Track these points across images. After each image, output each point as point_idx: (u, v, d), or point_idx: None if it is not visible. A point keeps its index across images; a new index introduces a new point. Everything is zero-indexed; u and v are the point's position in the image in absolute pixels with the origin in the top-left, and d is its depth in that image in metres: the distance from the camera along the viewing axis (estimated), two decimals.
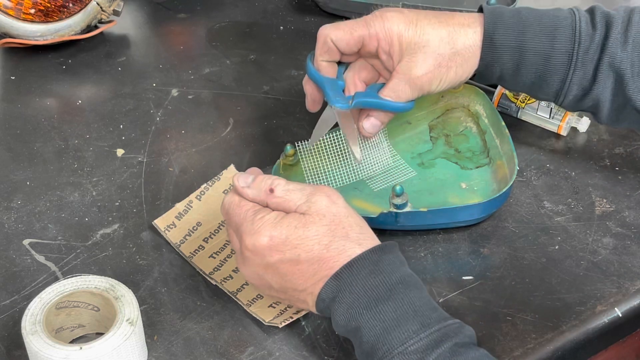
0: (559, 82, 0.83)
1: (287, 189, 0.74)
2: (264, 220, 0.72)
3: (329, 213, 0.72)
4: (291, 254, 0.71)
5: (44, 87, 1.10)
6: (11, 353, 0.76)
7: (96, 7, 1.14)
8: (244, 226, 0.73)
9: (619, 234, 0.87)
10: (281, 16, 1.23)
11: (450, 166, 0.94)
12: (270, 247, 0.71)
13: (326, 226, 0.71)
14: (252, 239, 0.72)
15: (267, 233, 0.71)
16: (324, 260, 0.70)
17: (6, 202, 0.92)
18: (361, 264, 0.69)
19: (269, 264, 0.72)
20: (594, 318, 0.79)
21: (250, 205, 0.74)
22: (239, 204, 0.74)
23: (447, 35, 0.82)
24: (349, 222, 0.72)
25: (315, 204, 0.72)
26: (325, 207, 0.72)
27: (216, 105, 1.07)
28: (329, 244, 0.70)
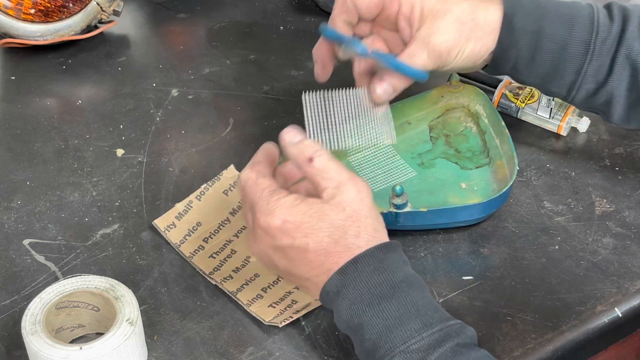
0: (574, 73, 0.82)
1: (326, 165, 0.72)
2: (280, 202, 0.71)
3: (350, 208, 0.71)
4: (301, 241, 0.70)
5: (44, 87, 1.10)
6: (11, 353, 0.76)
7: (96, 7, 1.14)
8: (260, 205, 0.72)
9: (619, 234, 0.87)
10: (281, 16, 1.23)
11: (450, 166, 0.94)
12: (282, 230, 0.71)
13: (342, 220, 0.70)
14: (265, 218, 0.71)
15: (282, 216, 0.70)
16: (331, 253, 0.70)
17: (6, 202, 0.92)
18: (366, 260, 0.69)
19: (278, 246, 0.72)
20: (594, 318, 0.79)
21: (267, 184, 0.73)
22: (255, 182, 0.73)
23: (468, 7, 0.81)
24: (366, 222, 0.71)
25: (342, 194, 0.71)
26: (350, 200, 0.71)
27: (216, 105, 1.07)
28: (339, 239, 0.70)
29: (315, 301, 0.80)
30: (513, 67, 0.84)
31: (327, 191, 0.71)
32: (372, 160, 0.94)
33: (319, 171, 0.72)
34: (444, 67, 0.82)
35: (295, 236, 0.70)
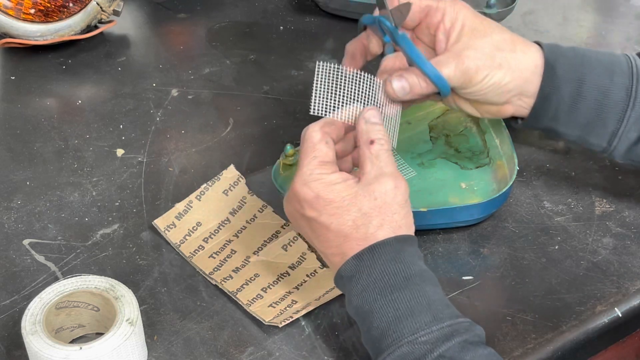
0: (616, 122, 0.80)
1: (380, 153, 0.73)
2: (322, 177, 0.72)
3: (381, 199, 0.71)
4: (325, 218, 0.71)
5: (44, 87, 1.10)
6: (11, 353, 0.76)
7: (96, 7, 1.14)
8: (303, 170, 0.73)
9: (619, 234, 0.87)
10: (281, 16, 1.23)
11: (450, 166, 0.94)
12: (311, 204, 0.72)
13: (369, 209, 0.71)
14: (301, 187, 0.72)
15: (316, 190, 0.71)
16: (349, 238, 0.71)
17: (6, 202, 0.92)
18: (383, 249, 0.70)
19: (304, 215, 0.73)
20: (594, 318, 0.79)
21: (323, 153, 0.73)
22: (314, 145, 0.74)
23: (509, 38, 0.80)
24: (392, 218, 0.72)
25: (379, 183, 0.72)
26: (384, 192, 0.72)
27: (216, 105, 1.07)
28: (360, 226, 0.71)
29: (315, 301, 0.80)
30: (553, 117, 0.82)
31: (367, 176, 0.72)
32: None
33: (372, 156, 0.73)
34: (468, 87, 0.80)
35: (322, 212, 0.72)
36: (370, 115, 0.75)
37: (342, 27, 1.20)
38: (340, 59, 1.13)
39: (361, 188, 0.72)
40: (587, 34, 1.20)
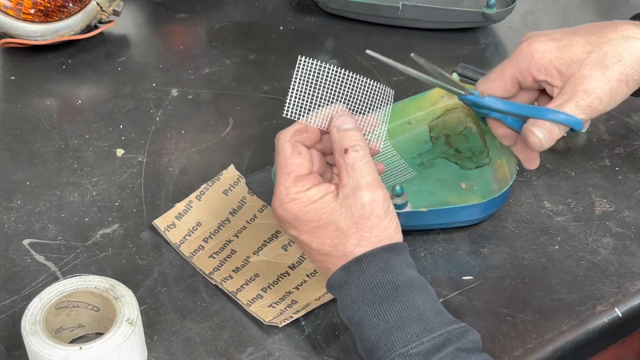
0: None
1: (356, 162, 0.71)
2: (298, 197, 0.71)
3: (358, 213, 0.70)
4: (306, 238, 0.72)
5: (44, 87, 1.10)
6: (11, 353, 0.76)
7: (96, 7, 1.14)
8: (280, 187, 0.71)
9: (619, 234, 0.87)
10: (281, 16, 1.23)
11: (450, 166, 0.94)
12: (291, 224, 0.72)
13: (346, 226, 0.70)
14: (279, 207, 0.71)
15: (294, 211, 0.71)
16: (329, 256, 0.71)
17: (6, 202, 0.92)
18: (370, 261, 0.70)
19: (287, 231, 0.73)
20: (594, 318, 0.79)
21: (296, 167, 0.72)
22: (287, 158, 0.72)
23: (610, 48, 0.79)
24: (370, 233, 0.70)
25: (356, 197, 0.70)
26: (360, 206, 0.70)
27: (216, 105, 1.07)
28: (339, 245, 0.71)
29: (315, 301, 0.80)
30: None
31: (344, 189, 0.71)
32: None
33: (347, 166, 0.71)
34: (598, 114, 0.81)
35: (302, 232, 0.72)
36: (341, 122, 0.72)
37: (342, 27, 1.20)
38: (340, 58, 1.14)
39: (338, 204, 0.71)
40: None
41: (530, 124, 0.80)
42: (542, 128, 0.79)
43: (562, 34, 0.81)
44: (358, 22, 1.21)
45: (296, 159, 0.72)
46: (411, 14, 1.17)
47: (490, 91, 0.83)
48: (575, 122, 0.79)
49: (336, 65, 0.75)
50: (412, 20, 1.18)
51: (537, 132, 0.79)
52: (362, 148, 0.71)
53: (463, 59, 1.12)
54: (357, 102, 0.75)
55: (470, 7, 1.19)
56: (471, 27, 1.19)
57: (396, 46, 1.16)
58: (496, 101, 0.83)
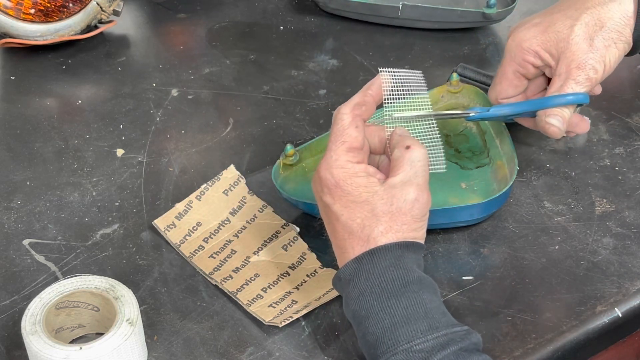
0: None
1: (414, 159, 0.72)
2: (347, 166, 0.72)
3: (397, 205, 0.71)
4: (338, 209, 0.71)
5: (44, 87, 1.10)
6: (11, 353, 0.76)
7: (96, 7, 1.14)
8: (331, 152, 0.72)
9: (619, 234, 0.87)
10: (281, 16, 1.23)
11: (450, 166, 0.94)
12: (330, 190, 0.71)
13: (382, 212, 0.71)
14: (325, 170, 0.72)
15: (337, 178, 0.71)
16: (353, 236, 0.71)
17: (6, 202, 0.92)
18: (383, 254, 0.70)
19: (322, 199, 0.73)
20: (594, 318, 0.79)
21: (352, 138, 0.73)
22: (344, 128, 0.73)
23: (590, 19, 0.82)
24: (400, 227, 0.71)
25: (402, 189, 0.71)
26: (402, 199, 0.71)
27: (216, 105, 1.07)
28: (366, 227, 0.70)
29: (315, 301, 0.80)
30: None
31: (395, 179, 0.72)
32: None
33: (406, 160, 0.72)
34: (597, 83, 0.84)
35: (337, 202, 0.71)
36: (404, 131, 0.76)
37: (342, 27, 1.20)
38: (340, 58, 1.14)
39: (382, 189, 0.71)
40: None
41: (542, 117, 0.83)
42: (555, 116, 0.82)
43: (542, 16, 0.84)
44: (358, 22, 1.21)
45: (352, 131, 0.73)
46: (411, 14, 1.17)
47: (500, 95, 0.85)
48: (580, 99, 0.82)
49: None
50: (412, 20, 1.18)
51: (552, 121, 0.82)
52: (423, 150, 0.74)
53: (463, 59, 1.12)
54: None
55: (470, 7, 1.19)
56: (471, 27, 1.19)
57: (396, 46, 1.16)
58: (501, 108, 0.85)
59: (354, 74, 1.11)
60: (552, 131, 0.83)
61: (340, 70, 1.12)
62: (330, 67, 1.13)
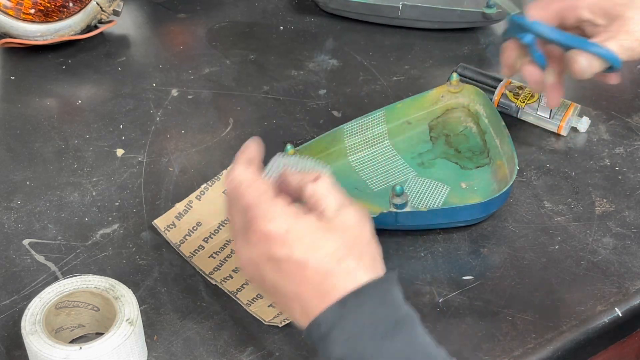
0: None
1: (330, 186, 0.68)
2: (285, 209, 0.66)
3: (352, 231, 0.66)
4: (301, 255, 0.64)
5: (44, 87, 1.10)
6: (11, 353, 0.76)
7: (96, 7, 1.14)
8: (261, 208, 0.66)
9: (619, 234, 0.87)
10: (281, 16, 1.23)
11: (450, 166, 0.94)
12: (283, 240, 0.65)
13: (345, 242, 0.65)
14: (267, 224, 0.65)
15: (285, 224, 0.65)
16: (331, 274, 0.64)
17: (6, 202, 0.92)
18: (370, 292, 0.64)
19: (273, 256, 0.65)
20: (594, 318, 0.79)
21: (266, 188, 0.67)
22: (254, 183, 0.67)
23: None
24: (368, 249, 0.67)
25: (345, 216, 0.66)
26: (352, 223, 0.66)
27: (216, 105, 1.07)
28: (341, 260, 0.64)
29: None
30: None
31: (328, 211, 0.66)
32: (372, 160, 0.94)
33: (324, 190, 0.67)
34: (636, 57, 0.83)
35: (296, 248, 0.64)
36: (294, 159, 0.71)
37: (342, 27, 1.20)
38: (340, 58, 1.14)
39: (327, 223, 0.66)
40: None
41: (574, 53, 0.82)
42: (586, 58, 0.81)
43: None
44: (358, 22, 1.21)
45: (262, 184, 0.68)
46: (411, 14, 1.17)
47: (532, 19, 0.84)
48: (614, 59, 0.82)
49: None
50: (412, 20, 1.18)
51: (582, 60, 0.81)
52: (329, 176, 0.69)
53: (463, 59, 1.12)
54: None
55: (470, 7, 1.19)
56: (471, 27, 1.19)
57: (396, 46, 1.16)
58: (544, 26, 0.84)
59: (354, 74, 1.11)
60: (576, 68, 0.82)
61: (340, 70, 1.12)
62: (330, 67, 1.13)
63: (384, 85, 1.09)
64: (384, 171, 0.93)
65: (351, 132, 0.94)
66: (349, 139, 0.94)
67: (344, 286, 0.64)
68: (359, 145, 0.95)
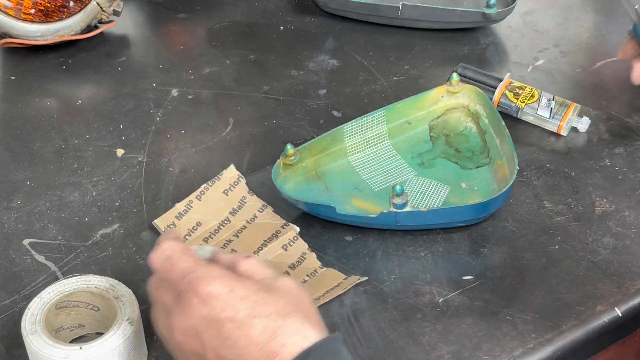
0: None
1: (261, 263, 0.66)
2: (224, 271, 0.63)
3: (293, 293, 0.63)
4: (246, 314, 0.60)
5: (44, 87, 1.10)
6: (11, 353, 0.76)
7: (96, 7, 1.14)
8: (199, 271, 0.63)
9: (619, 234, 0.87)
10: (281, 16, 1.23)
11: (450, 166, 0.94)
12: (226, 300, 0.61)
13: (288, 301, 0.62)
14: (207, 285, 0.61)
15: (227, 284, 0.61)
16: (278, 333, 0.60)
17: (6, 202, 0.92)
18: (323, 352, 0.60)
19: (215, 319, 0.61)
20: (594, 318, 0.79)
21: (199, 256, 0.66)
22: (188, 250, 0.65)
23: None
24: (311, 308, 0.64)
25: (282, 281, 0.64)
26: (291, 287, 0.64)
27: (216, 105, 1.07)
28: (287, 317, 0.61)
29: (315, 301, 0.80)
30: None
31: (266, 279, 0.64)
32: (372, 160, 0.94)
33: (257, 264, 0.65)
34: None
35: (240, 309, 0.61)
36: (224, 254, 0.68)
37: (342, 27, 1.20)
38: (340, 58, 1.14)
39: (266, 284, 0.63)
40: (587, 34, 1.20)
41: None
42: None
43: None
44: (358, 22, 1.21)
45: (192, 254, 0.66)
46: (411, 14, 1.17)
47: None
48: None
49: None
50: (412, 20, 1.18)
51: None
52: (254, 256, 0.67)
53: (463, 59, 1.12)
54: None
55: (470, 7, 1.19)
56: (471, 27, 1.19)
57: (396, 46, 1.16)
58: None
59: (354, 74, 1.11)
60: None
61: (340, 70, 1.12)
62: (330, 67, 1.13)
63: (384, 85, 1.09)
64: (384, 171, 0.93)
65: (351, 132, 0.94)
66: (349, 139, 0.94)
67: (293, 343, 0.60)
68: (359, 145, 0.95)
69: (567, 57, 1.14)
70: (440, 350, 0.75)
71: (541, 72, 1.11)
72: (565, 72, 1.11)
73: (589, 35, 1.20)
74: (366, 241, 0.86)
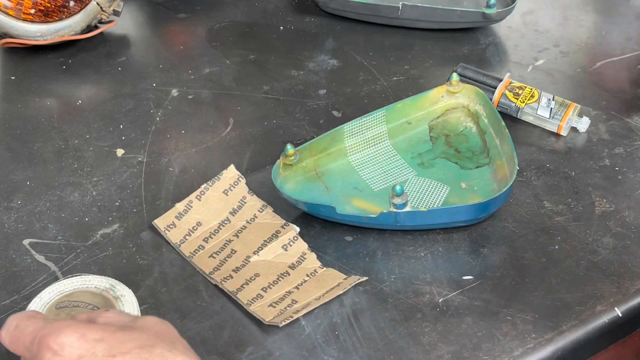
0: None
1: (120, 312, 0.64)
2: (74, 320, 0.61)
3: (157, 326, 0.61)
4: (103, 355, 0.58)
5: (44, 87, 1.10)
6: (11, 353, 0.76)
7: (96, 7, 1.14)
8: (47, 328, 0.59)
9: (619, 234, 0.87)
10: (281, 16, 1.23)
11: (450, 166, 0.94)
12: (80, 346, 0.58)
13: (152, 332, 0.60)
14: (59, 336, 0.58)
15: (79, 329, 0.58)
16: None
17: (6, 202, 0.92)
18: None
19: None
20: (594, 318, 0.79)
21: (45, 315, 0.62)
22: (32, 315, 0.62)
23: None
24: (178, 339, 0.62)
25: (144, 319, 0.62)
26: (155, 323, 0.62)
27: (216, 105, 1.07)
28: (154, 346, 0.58)
29: (315, 301, 0.80)
30: None
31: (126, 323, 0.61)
32: (372, 160, 0.94)
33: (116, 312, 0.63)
34: None
35: (96, 351, 0.58)
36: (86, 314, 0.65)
37: (342, 27, 1.20)
38: (340, 58, 1.14)
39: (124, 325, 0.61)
40: (587, 34, 1.20)
41: None
42: None
43: None
44: (358, 22, 1.21)
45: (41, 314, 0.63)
46: (411, 14, 1.17)
47: None
48: None
49: None
50: (412, 20, 1.18)
51: None
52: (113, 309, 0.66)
53: (463, 59, 1.12)
54: None
55: (470, 7, 1.20)
56: (471, 27, 1.19)
57: (396, 46, 1.16)
58: None
59: (354, 74, 1.11)
60: None
61: (340, 70, 1.12)
62: (330, 67, 1.13)
63: (384, 85, 1.09)
64: (384, 171, 0.93)
65: (351, 132, 0.95)
66: (349, 139, 0.94)
67: None
68: (359, 145, 0.95)
69: (567, 57, 1.14)
70: (440, 350, 0.76)
71: (541, 72, 1.11)
72: (565, 72, 1.11)
73: (589, 35, 1.20)
74: (366, 241, 0.86)
